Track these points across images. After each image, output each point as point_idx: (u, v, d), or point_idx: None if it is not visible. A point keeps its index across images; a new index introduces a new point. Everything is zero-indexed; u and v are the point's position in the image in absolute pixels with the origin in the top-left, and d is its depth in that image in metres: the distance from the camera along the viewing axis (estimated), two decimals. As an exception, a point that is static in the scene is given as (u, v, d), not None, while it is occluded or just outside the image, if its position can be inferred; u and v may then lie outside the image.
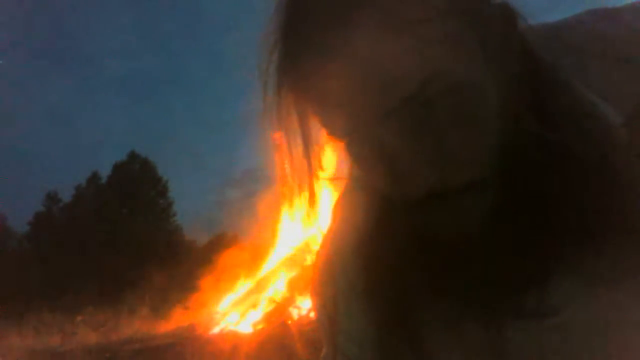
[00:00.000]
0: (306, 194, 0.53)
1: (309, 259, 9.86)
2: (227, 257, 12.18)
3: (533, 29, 0.52)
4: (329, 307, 0.61)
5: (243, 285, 11.23)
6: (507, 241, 0.48)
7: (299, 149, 0.52)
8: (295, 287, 9.63)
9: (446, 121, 0.44)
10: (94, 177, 23.39)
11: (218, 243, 17.75)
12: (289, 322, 8.74)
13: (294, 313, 9.02)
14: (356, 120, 0.46)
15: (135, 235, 20.31)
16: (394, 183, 0.47)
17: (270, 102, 0.51)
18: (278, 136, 0.52)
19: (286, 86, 0.50)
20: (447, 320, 0.52)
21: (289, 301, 9.48)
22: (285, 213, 11.81)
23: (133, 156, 23.55)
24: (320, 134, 0.51)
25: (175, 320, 11.10)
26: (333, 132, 0.50)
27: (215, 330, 9.61)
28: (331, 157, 0.54)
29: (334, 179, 0.57)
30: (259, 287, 10.76)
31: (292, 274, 10.21)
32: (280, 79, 0.50)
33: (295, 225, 11.23)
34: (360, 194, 0.57)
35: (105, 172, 23.37)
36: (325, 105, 0.48)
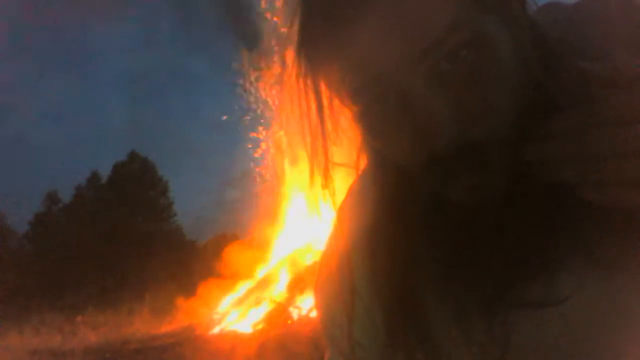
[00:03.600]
0: (319, 172, 0.53)
1: (310, 259, 9.88)
2: (227, 257, 12.21)
3: (548, 12, 0.53)
4: (336, 310, 0.60)
5: (243, 285, 11.25)
6: (518, 226, 0.47)
7: (314, 114, 0.52)
8: (295, 287, 9.65)
9: (468, 74, 0.45)
10: (94, 177, 23.43)
11: (218, 243, 17.78)
12: (289, 322, 8.75)
13: (294, 313, 9.04)
14: (383, 69, 0.46)
15: (135, 236, 20.33)
16: (413, 140, 0.47)
17: (291, 62, 0.51)
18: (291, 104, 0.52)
19: (308, 42, 0.50)
20: (454, 314, 0.52)
21: (289, 301, 9.50)
22: (287, 212, 11.85)
23: (133, 156, 23.59)
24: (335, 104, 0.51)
25: (175, 320, 11.12)
26: (356, 90, 0.49)
27: (215, 330, 9.62)
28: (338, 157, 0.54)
29: (343, 165, 0.56)
30: (259, 287, 10.78)
31: (293, 274, 10.23)
32: (303, 35, 0.50)
33: (296, 224, 11.26)
34: (369, 185, 0.57)
35: (105, 172, 23.45)
36: (350, 59, 0.47)
